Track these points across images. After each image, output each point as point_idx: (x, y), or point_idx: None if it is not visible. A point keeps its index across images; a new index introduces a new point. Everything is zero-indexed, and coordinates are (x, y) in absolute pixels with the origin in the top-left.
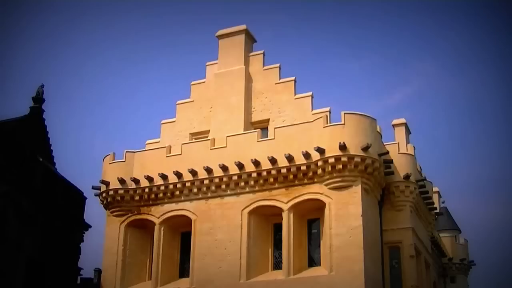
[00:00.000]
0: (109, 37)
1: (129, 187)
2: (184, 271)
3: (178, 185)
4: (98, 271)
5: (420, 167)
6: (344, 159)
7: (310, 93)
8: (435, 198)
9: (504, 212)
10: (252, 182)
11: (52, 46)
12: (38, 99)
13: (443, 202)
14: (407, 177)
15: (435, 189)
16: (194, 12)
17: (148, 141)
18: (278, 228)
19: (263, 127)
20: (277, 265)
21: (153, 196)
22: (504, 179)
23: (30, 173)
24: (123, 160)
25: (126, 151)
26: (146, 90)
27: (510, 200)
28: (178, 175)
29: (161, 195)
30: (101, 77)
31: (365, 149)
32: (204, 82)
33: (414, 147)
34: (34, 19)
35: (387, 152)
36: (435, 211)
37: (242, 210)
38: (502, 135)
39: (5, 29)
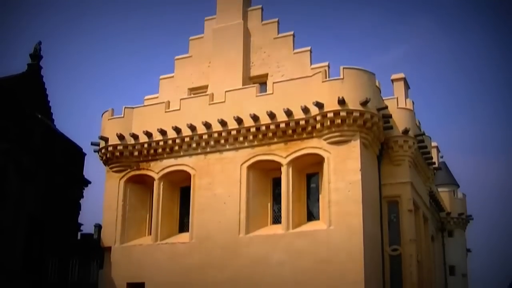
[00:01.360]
0: None
1: (128, 143)
2: (183, 226)
3: (177, 140)
4: (98, 227)
5: (419, 122)
6: (343, 113)
7: (308, 48)
8: (433, 153)
9: (503, 167)
10: (251, 137)
11: (50, 3)
12: (36, 56)
13: (441, 157)
14: (405, 131)
15: (433, 144)
16: None
17: (146, 97)
18: (277, 183)
19: (261, 82)
20: (276, 220)
21: (152, 151)
22: (504, 135)
23: (29, 131)
24: (122, 116)
25: (125, 107)
26: (144, 46)
27: (509, 155)
28: (177, 130)
29: (160, 150)
30: (99, 34)
31: (364, 103)
32: (202, 37)
33: (413, 102)
34: None
35: (386, 107)
36: (434, 166)
37: (241, 164)
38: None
39: None
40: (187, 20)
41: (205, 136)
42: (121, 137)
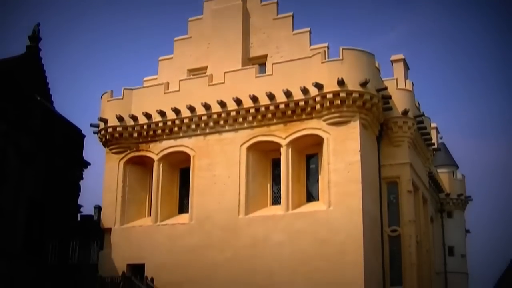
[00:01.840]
0: None
1: (128, 124)
2: (183, 207)
3: (177, 122)
4: (98, 208)
5: (418, 103)
6: (342, 94)
7: (308, 29)
8: (433, 134)
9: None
10: (250, 118)
11: None
12: (35, 38)
13: (441, 138)
14: (405, 112)
15: (433, 125)
16: None
17: (145, 78)
18: (276, 164)
19: (261, 63)
20: (276, 200)
21: (151, 132)
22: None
23: (28, 112)
24: (121, 97)
25: (124, 89)
26: (143, 27)
27: (509, 136)
28: (176, 111)
29: (159, 131)
30: (98, 15)
31: (364, 84)
32: (201, 18)
33: (412, 83)
34: None
35: (386, 88)
36: (433, 146)
37: (241, 145)
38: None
39: None
40: (186, 0)
41: (204, 117)
42: (120, 118)
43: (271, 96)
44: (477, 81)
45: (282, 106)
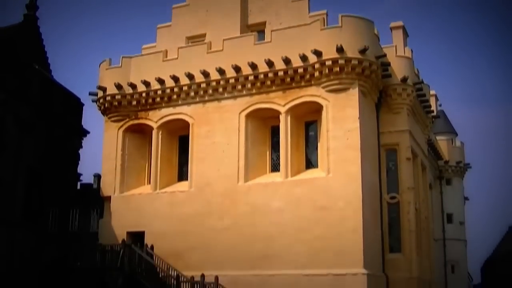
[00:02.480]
0: None
1: (126, 92)
2: (182, 175)
3: (175, 89)
4: (97, 177)
5: (417, 71)
6: (341, 61)
7: None
8: (432, 101)
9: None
10: (249, 85)
11: None
12: (32, 6)
13: (440, 105)
14: (404, 79)
15: (432, 92)
16: None
17: (144, 46)
18: (275, 131)
19: (259, 30)
20: (275, 168)
21: (150, 100)
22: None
23: (27, 81)
24: (120, 65)
25: (123, 57)
26: None
27: (508, 104)
28: (175, 79)
29: (158, 99)
30: None
31: (363, 51)
32: None
33: (411, 50)
34: None
35: (385, 55)
36: (432, 114)
37: (240, 113)
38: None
39: None
40: None
41: (203, 85)
42: (119, 86)
43: (270, 63)
44: (477, 49)
45: (281, 73)
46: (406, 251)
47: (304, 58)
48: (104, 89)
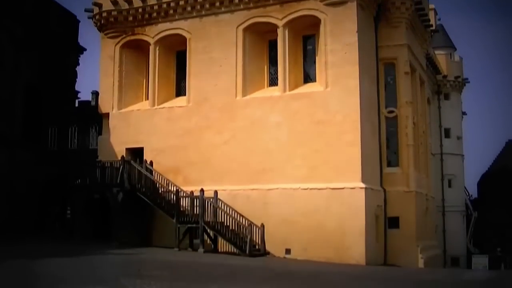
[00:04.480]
0: None
1: (122, 8)
2: (180, 90)
3: (172, 4)
4: (95, 94)
5: None
6: None
7: None
8: (431, 15)
9: (501, 30)
10: None
11: None
12: None
13: (439, 19)
14: None
15: (431, 6)
16: None
17: None
18: (273, 45)
19: None
20: (273, 82)
21: (147, 16)
22: None
23: None
24: None
25: None
26: None
27: (507, 18)
28: None
29: (155, 14)
30: None
31: None
32: None
33: None
34: None
35: None
36: (431, 28)
37: (237, 27)
38: None
39: None
40: None
41: None
42: (115, 2)
43: None
44: None
45: None
46: (404, 165)
47: None
48: (100, 5)
